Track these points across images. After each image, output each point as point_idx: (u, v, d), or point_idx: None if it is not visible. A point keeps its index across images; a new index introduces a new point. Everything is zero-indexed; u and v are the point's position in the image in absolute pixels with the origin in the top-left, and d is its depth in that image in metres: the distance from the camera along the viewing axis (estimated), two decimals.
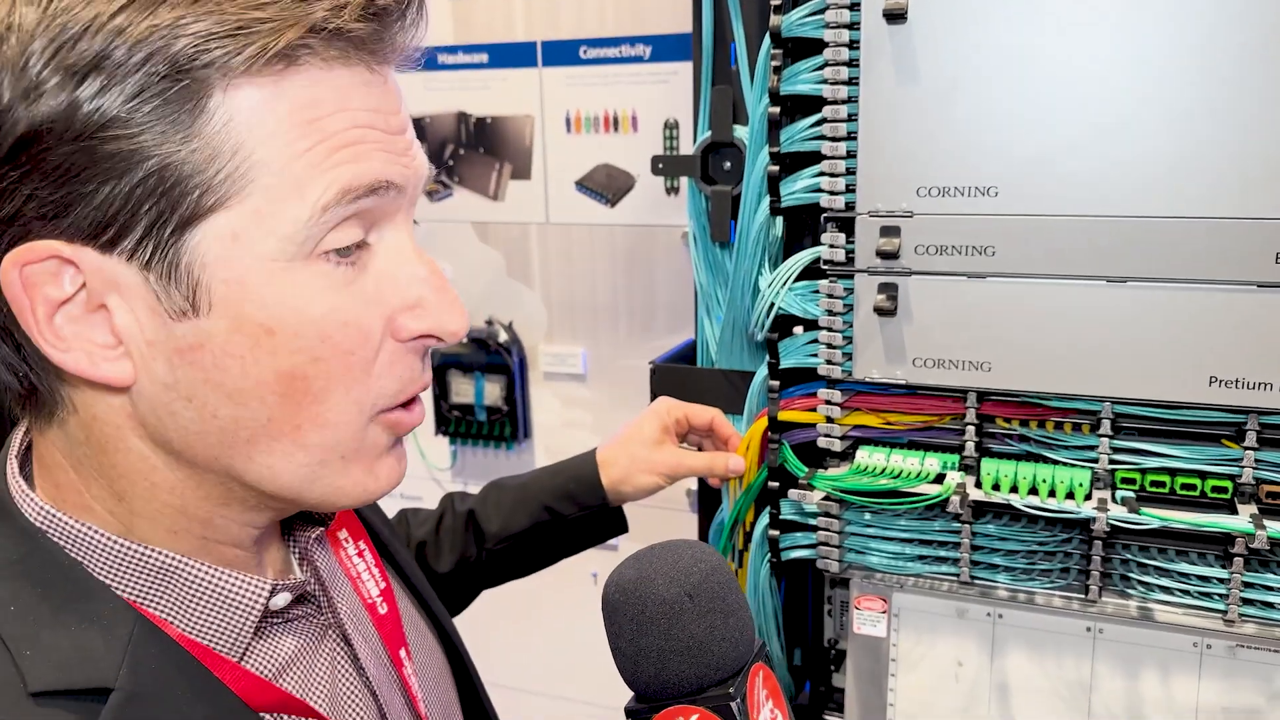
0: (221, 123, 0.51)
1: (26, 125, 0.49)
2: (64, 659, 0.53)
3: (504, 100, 1.85)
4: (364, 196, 0.54)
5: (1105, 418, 0.91)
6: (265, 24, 0.50)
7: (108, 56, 0.49)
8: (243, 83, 0.51)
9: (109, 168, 0.50)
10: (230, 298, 0.53)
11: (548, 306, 1.92)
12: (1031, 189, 0.88)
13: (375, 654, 0.71)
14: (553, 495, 1.07)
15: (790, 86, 0.96)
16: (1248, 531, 0.85)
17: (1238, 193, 0.83)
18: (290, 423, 0.56)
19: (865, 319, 0.96)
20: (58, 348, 0.52)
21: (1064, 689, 0.97)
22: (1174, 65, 0.83)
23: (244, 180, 0.52)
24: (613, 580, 0.68)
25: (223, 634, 0.60)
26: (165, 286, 0.52)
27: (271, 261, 0.53)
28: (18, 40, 0.49)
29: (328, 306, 0.54)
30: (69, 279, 0.52)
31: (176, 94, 0.50)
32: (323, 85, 0.53)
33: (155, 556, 0.58)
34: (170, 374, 0.54)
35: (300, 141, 0.52)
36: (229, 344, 0.53)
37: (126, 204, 0.50)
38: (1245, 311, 0.84)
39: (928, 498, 0.94)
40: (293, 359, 0.54)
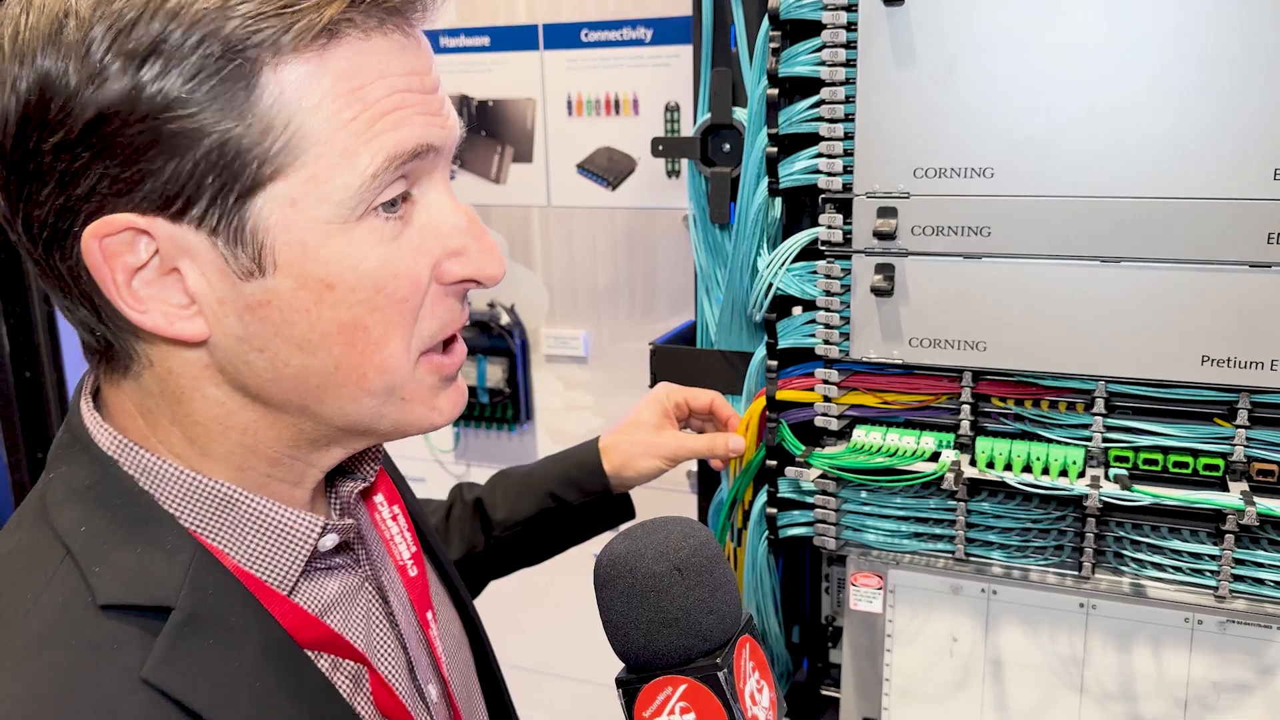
0: (273, 97, 0.54)
1: (95, 109, 0.52)
2: (129, 577, 0.57)
3: (506, 83, 1.85)
4: (408, 161, 0.58)
5: (1099, 396, 0.92)
6: (306, 4, 0.54)
7: (165, 40, 0.52)
8: (290, 59, 0.54)
9: (173, 145, 0.53)
10: (292, 258, 0.57)
11: (549, 289, 1.93)
12: (1027, 171, 0.89)
13: (405, 611, 0.74)
14: (557, 482, 1.08)
15: (789, 68, 0.96)
16: (1238, 508, 0.86)
17: (1230, 174, 0.84)
18: (356, 370, 0.60)
19: (862, 299, 0.97)
20: (137, 309, 0.56)
21: (1057, 664, 0.98)
22: (1167, 48, 0.84)
23: (297, 151, 0.55)
24: (604, 555, 0.70)
25: (275, 567, 0.63)
26: (232, 250, 0.56)
27: (327, 223, 0.57)
28: (76, 26, 0.52)
29: (380, 259, 0.58)
30: (144, 247, 0.55)
31: (230, 73, 0.53)
32: (363, 55, 0.57)
33: (219, 488, 0.61)
34: (242, 328, 0.58)
35: (345, 111, 0.56)
36: (294, 299, 0.57)
37: (191, 178, 0.54)
38: (1237, 291, 0.85)
39: (923, 475, 0.95)
40: (352, 310, 0.58)
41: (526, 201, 1.90)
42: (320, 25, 0.54)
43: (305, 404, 0.61)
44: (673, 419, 1.10)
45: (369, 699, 0.67)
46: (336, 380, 0.60)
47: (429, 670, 0.75)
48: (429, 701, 0.73)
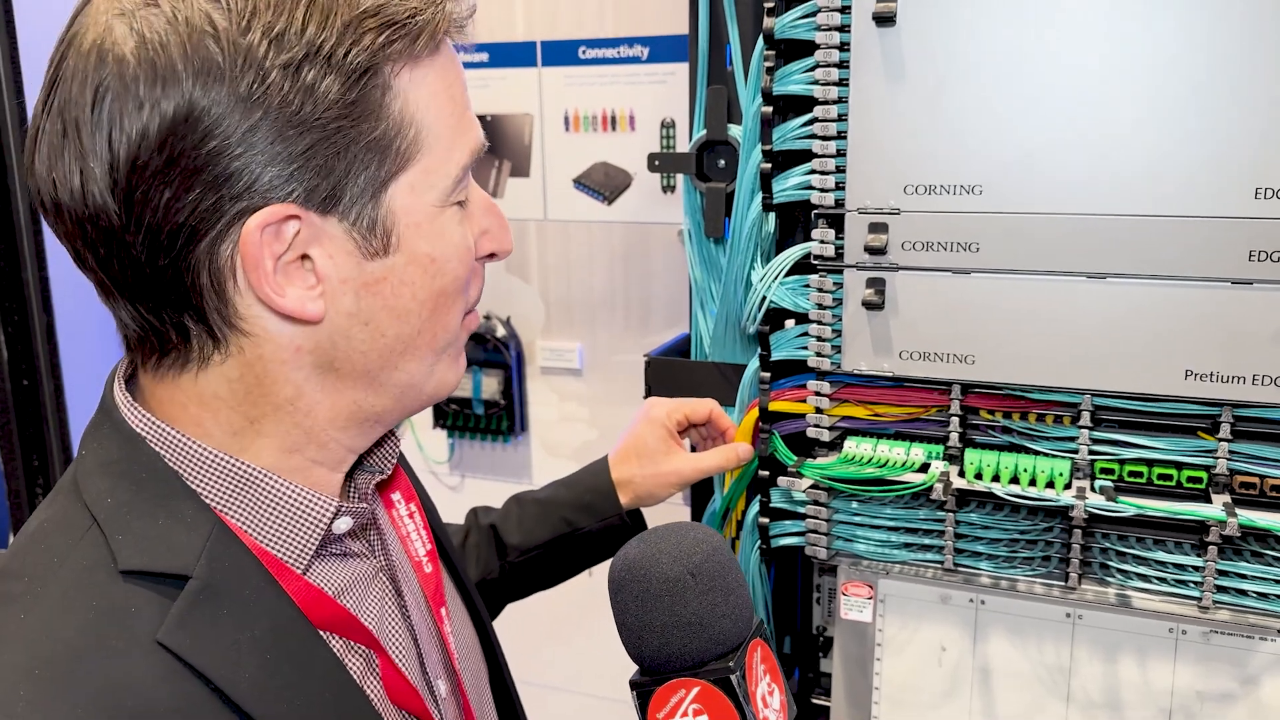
0: (402, 101, 0.61)
1: (253, 120, 0.57)
2: (150, 545, 0.60)
3: (503, 99, 1.88)
4: (478, 154, 0.67)
5: (1085, 410, 0.94)
6: (423, 11, 0.61)
7: (318, 48, 0.58)
8: (414, 64, 0.62)
9: (330, 146, 0.59)
10: (410, 237, 0.64)
11: (545, 302, 1.95)
12: (1015, 188, 0.91)
13: (419, 605, 0.76)
14: (571, 508, 1.09)
15: (783, 87, 0.99)
16: (1221, 519, 0.88)
17: (1212, 193, 0.86)
18: (429, 332, 0.67)
19: (854, 313, 0.99)
20: (277, 292, 0.61)
21: (1044, 673, 1.00)
22: (1152, 70, 0.86)
23: (418, 145, 0.63)
24: (619, 559, 0.71)
25: (290, 544, 0.66)
26: (366, 234, 0.62)
27: (433, 206, 0.65)
28: (220, 46, 0.56)
29: (459, 236, 0.67)
30: (287, 234, 0.60)
31: (367, 87, 0.60)
32: (449, 61, 0.65)
33: (242, 467, 0.64)
34: (355, 304, 0.63)
35: (444, 109, 0.64)
36: (405, 274, 0.64)
37: (345, 175, 0.60)
38: (1219, 307, 0.87)
39: (913, 486, 0.97)
40: (443, 279, 0.66)
41: (523, 215, 1.92)
42: (437, 35, 0.62)
43: (380, 371, 0.66)
44: (677, 438, 1.11)
45: (379, 682, 0.69)
46: (417, 343, 0.67)
47: (439, 665, 0.76)
48: (438, 696, 0.75)
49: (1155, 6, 0.85)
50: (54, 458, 1.78)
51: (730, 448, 1.10)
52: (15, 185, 1.67)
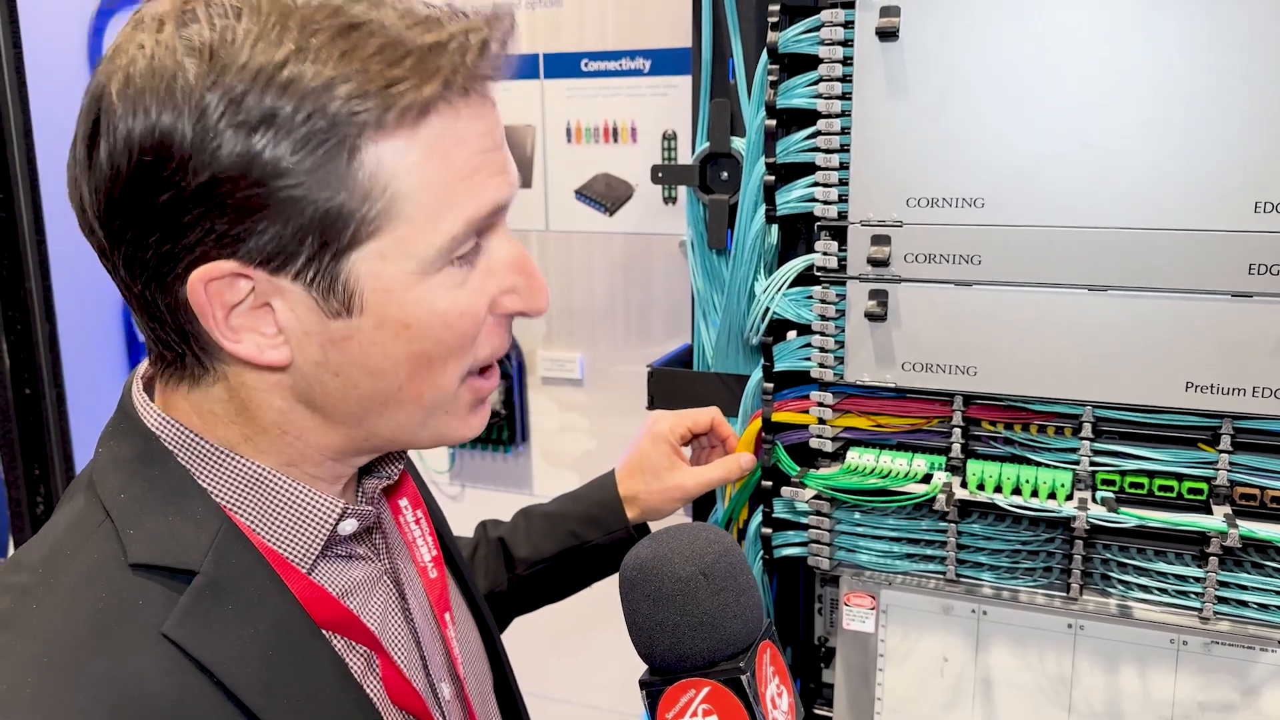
0: (371, 169, 0.59)
1: (210, 172, 0.57)
2: (159, 541, 0.62)
3: (506, 110, 1.87)
4: (482, 220, 0.64)
5: (1086, 421, 0.95)
6: (405, 81, 0.58)
7: (275, 113, 0.56)
8: (388, 134, 0.59)
9: (279, 211, 0.58)
10: (377, 302, 0.62)
11: (547, 312, 1.95)
12: (1016, 201, 0.92)
13: (423, 610, 0.77)
14: (578, 521, 1.10)
15: (786, 100, 0.99)
16: (1222, 531, 0.89)
17: (1212, 206, 0.87)
18: (414, 391, 0.66)
19: (856, 324, 0.99)
20: (231, 340, 0.62)
21: (1046, 684, 1.00)
22: (1152, 84, 0.87)
23: (389, 215, 0.60)
24: (631, 558, 0.72)
25: (296, 544, 0.67)
26: (324, 296, 0.61)
27: (410, 274, 0.62)
28: (188, 88, 0.57)
29: (449, 302, 0.64)
30: (243, 287, 0.60)
31: (334, 147, 0.58)
32: (449, 124, 0.61)
33: (252, 468, 0.66)
34: (322, 356, 0.63)
35: (431, 178, 0.61)
36: (374, 336, 0.63)
37: (294, 239, 0.59)
38: (1220, 320, 0.88)
39: (915, 497, 0.97)
40: (422, 344, 0.64)
41: (525, 226, 1.93)
42: (418, 106, 0.59)
43: (364, 417, 0.66)
44: (680, 452, 1.12)
45: (379, 682, 0.69)
46: (398, 399, 0.65)
47: (443, 669, 0.77)
48: (442, 699, 0.75)
49: (1155, 21, 0.86)
50: (55, 466, 1.78)
51: (732, 459, 1.10)
52: (20, 196, 1.67)
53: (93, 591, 0.60)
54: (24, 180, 1.68)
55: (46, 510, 1.78)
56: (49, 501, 1.77)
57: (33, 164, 1.69)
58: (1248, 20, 0.83)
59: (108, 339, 2.17)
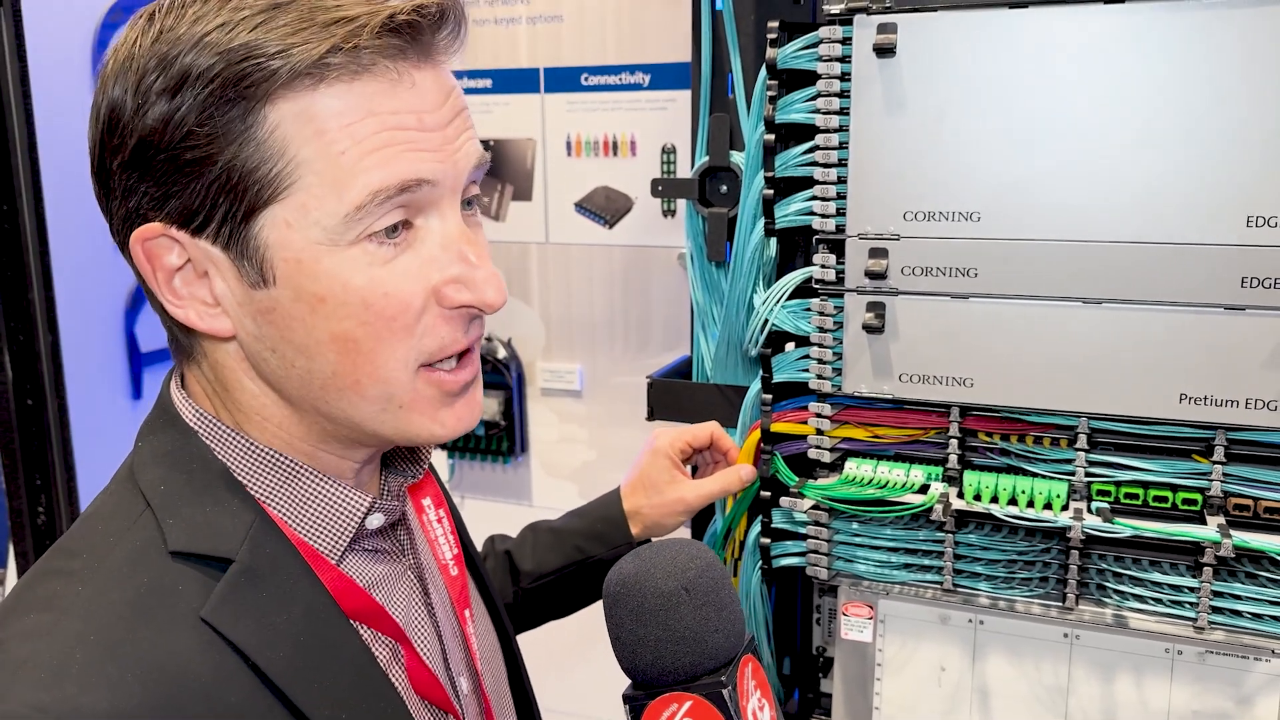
0: (271, 129, 0.61)
1: (138, 135, 0.61)
2: (197, 529, 0.65)
3: (507, 124, 1.90)
4: (395, 195, 0.63)
5: (1081, 432, 0.96)
6: (302, 46, 0.60)
7: (189, 73, 0.60)
8: (285, 94, 0.61)
9: (191, 170, 0.61)
10: (289, 273, 0.63)
11: (546, 324, 1.96)
12: (1012, 215, 0.93)
13: (444, 605, 0.79)
14: (583, 536, 1.12)
15: (784, 115, 1.01)
16: (1215, 541, 0.89)
17: (1205, 220, 0.88)
18: (351, 377, 0.66)
19: (854, 336, 1.00)
20: (175, 304, 0.65)
21: (1042, 693, 1.01)
22: (1146, 100, 0.88)
23: (291, 178, 0.62)
24: (614, 574, 0.72)
25: (326, 536, 0.70)
26: (242, 262, 0.64)
27: (318, 244, 0.63)
28: (137, 61, 0.62)
29: (368, 280, 0.63)
30: (177, 253, 0.64)
31: (234, 105, 0.60)
32: (350, 95, 0.62)
33: (285, 461, 0.69)
34: (257, 329, 0.65)
35: (334, 146, 0.62)
36: (293, 309, 0.64)
37: (206, 198, 0.62)
38: (1213, 332, 0.89)
39: (912, 507, 0.98)
40: (342, 323, 0.64)
41: (525, 238, 1.94)
42: (306, 66, 0.60)
43: (315, 404, 0.67)
44: (681, 466, 1.13)
45: (403, 672, 0.71)
46: (336, 385, 0.66)
47: (462, 664, 0.79)
48: (460, 692, 0.77)
49: (1148, 38, 0.87)
50: (56, 477, 1.78)
51: (732, 471, 1.11)
52: (24, 207, 1.68)
53: (135, 576, 0.62)
54: (28, 191, 1.69)
55: (48, 520, 1.78)
56: (50, 511, 1.78)
57: (37, 175, 1.70)
58: (1239, 36, 0.84)
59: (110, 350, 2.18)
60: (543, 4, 1.83)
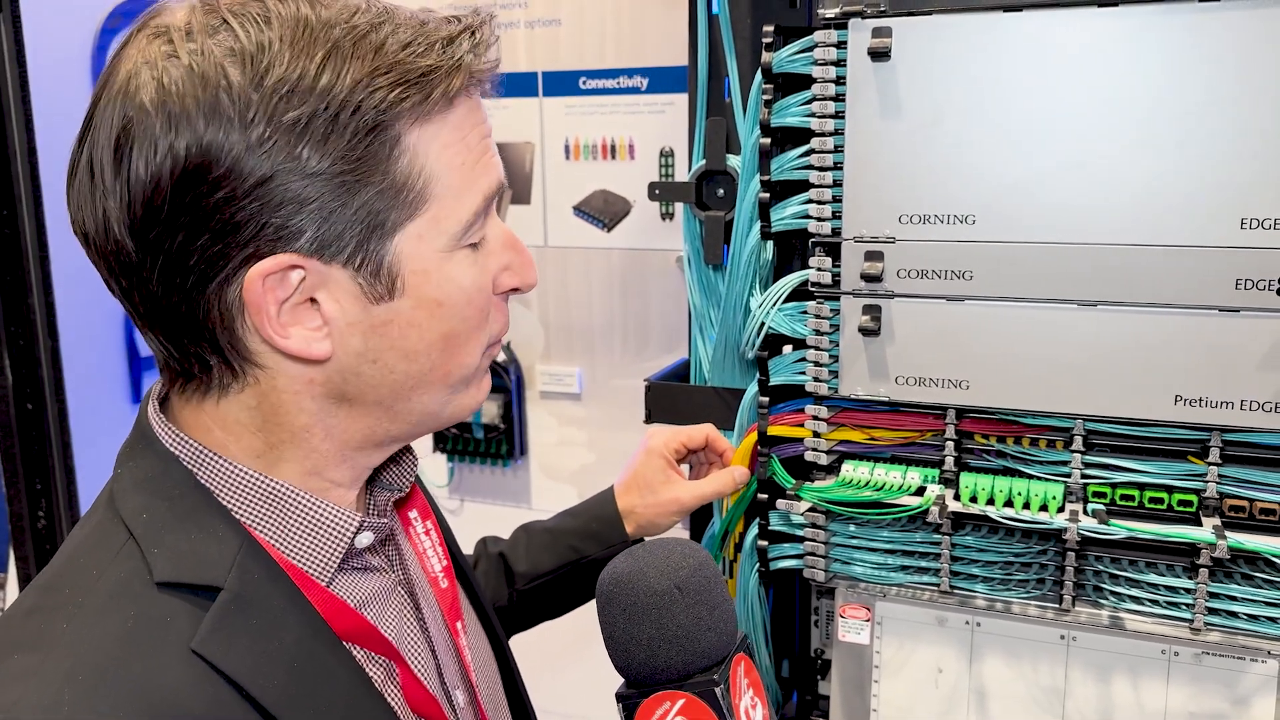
0: (409, 157, 0.64)
1: (261, 173, 0.60)
2: (183, 559, 0.64)
3: (505, 127, 1.90)
4: (493, 198, 0.69)
5: (1077, 434, 0.96)
6: (436, 71, 0.63)
7: (318, 114, 0.60)
8: (423, 122, 0.64)
9: (327, 203, 0.62)
10: (416, 283, 0.66)
11: (545, 327, 1.97)
12: (1007, 217, 0.94)
13: (436, 618, 0.78)
14: (577, 536, 1.12)
15: (780, 119, 1.01)
16: (1211, 542, 0.90)
17: (1200, 222, 0.88)
18: (443, 369, 0.69)
19: (850, 338, 1.01)
20: (281, 335, 0.64)
21: (1039, 694, 1.01)
22: (1142, 104, 0.88)
23: (425, 196, 0.65)
24: (607, 573, 0.73)
25: (316, 557, 0.69)
26: (370, 281, 0.65)
27: (441, 252, 0.67)
28: (232, 98, 0.59)
29: (471, 279, 0.68)
30: (293, 279, 0.63)
31: (375, 142, 0.62)
32: (465, 110, 0.67)
33: (268, 483, 0.68)
34: (363, 344, 0.66)
35: (456, 158, 0.66)
36: (412, 317, 0.67)
37: (343, 229, 0.63)
38: (1207, 334, 0.90)
39: (909, 509, 0.99)
40: (451, 322, 0.68)
41: (524, 241, 1.94)
42: (452, 94, 0.64)
43: (394, 402, 0.69)
44: (676, 467, 1.14)
45: (399, 691, 0.71)
46: (429, 379, 0.69)
47: (457, 676, 0.79)
48: (456, 706, 0.77)
49: (1142, 42, 0.88)
50: (56, 481, 1.79)
51: (726, 473, 1.12)
52: (23, 212, 1.69)
53: (121, 609, 0.61)
54: (28, 197, 1.69)
55: (48, 524, 1.79)
56: (50, 516, 1.78)
57: (36, 181, 1.71)
58: (1233, 39, 0.85)
59: (110, 355, 2.18)
60: (541, 8, 1.83)
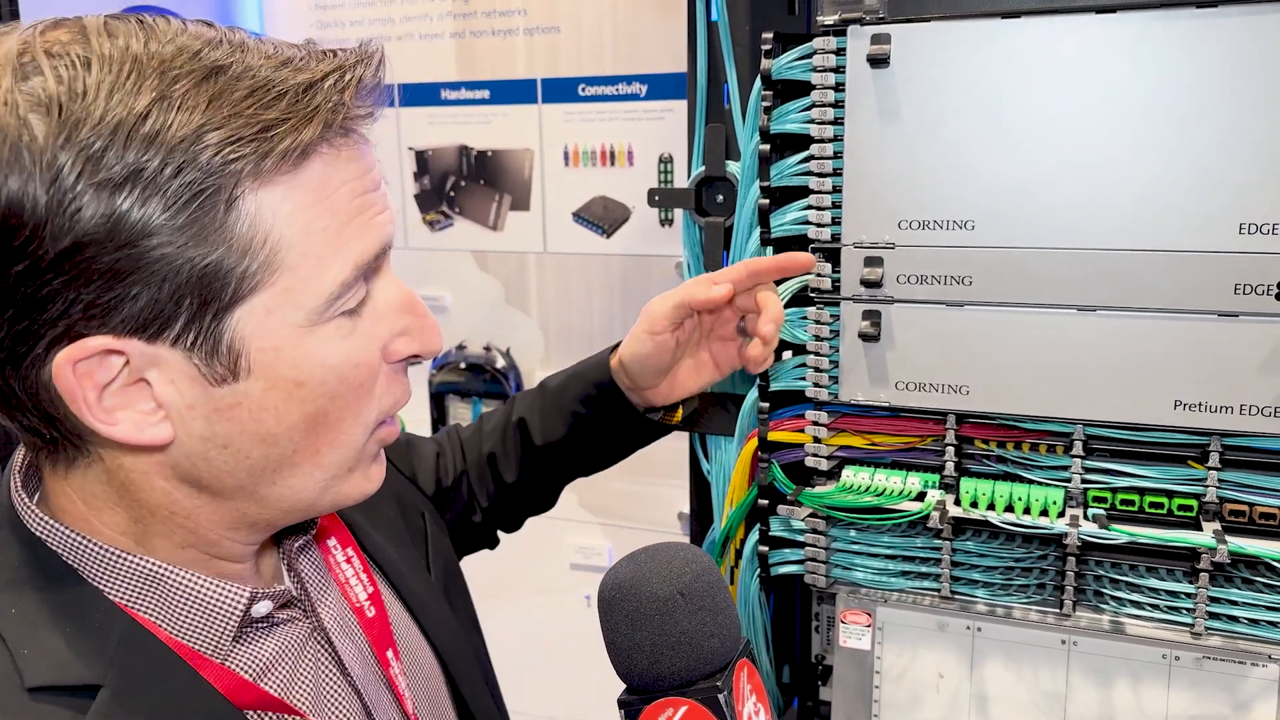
0: (250, 219, 0.55)
1: (70, 237, 0.52)
2: (58, 658, 0.58)
3: (504, 134, 1.91)
4: (372, 263, 0.61)
5: (1077, 439, 0.96)
6: (282, 124, 0.55)
7: (141, 169, 0.52)
8: (266, 182, 0.56)
9: (151, 273, 0.54)
10: (266, 362, 0.58)
11: (544, 333, 1.97)
12: (1006, 223, 0.94)
13: (361, 655, 0.74)
14: (579, 401, 1.05)
15: (780, 125, 1.01)
16: (1211, 546, 0.90)
17: (1198, 228, 0.88)
18: (311, 450, 0.62)
19: (850, 344, 1.01)
20: (105, 423, 0.57)
21: (1040, 700, 1.01)
22: (1139, 109, 0.89)
23: (273, 265, 0.57)
24: (609, 579, 0.72)
25: (206, 637, 0.64)
26: (206, 361, 0.57)
27: (298, 327, 0.59)
28: (36, 150, 0.51)
29: (343, 353, 0.61)
30: (115, 364, 0.56)
31: (208, 200, 0.54)
32: (330, 167, 0.59)
33: (144, 564, 0.62)
34: (208, 429, 0.59)
35: (316, 222, 0.58)
36: (265, 399, 0.59)
37: (169, 303, 0.55)
38: (1206, 339, 0.90)
39: (910, 514, 0.99)
40: (317, 402, 0.61)
41: (523, 248, 1.95)
42: (298, 150, 0.56)
43: (256, 488, 0.62)
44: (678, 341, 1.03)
45: None
46: (293, 462, 0.62)
47: (392, 710, 0.74)
48: None
49: (1142, 47, 0.88)
50: None
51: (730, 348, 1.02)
52: None
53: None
54: None
55: None
56: None
57: None
58: (1230, 46, 0.85)
59: None
60: (540, 15, 1.84)
